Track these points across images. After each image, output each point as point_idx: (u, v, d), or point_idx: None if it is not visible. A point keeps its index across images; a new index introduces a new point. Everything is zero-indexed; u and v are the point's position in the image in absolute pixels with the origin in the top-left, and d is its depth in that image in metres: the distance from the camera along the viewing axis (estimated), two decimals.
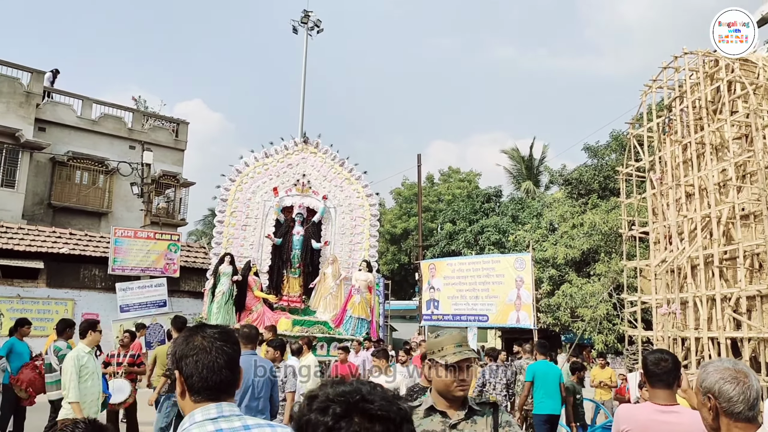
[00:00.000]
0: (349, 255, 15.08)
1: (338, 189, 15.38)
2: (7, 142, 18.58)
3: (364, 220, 15.38)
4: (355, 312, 13.93)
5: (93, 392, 6.04)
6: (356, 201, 15.43)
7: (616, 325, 18.07)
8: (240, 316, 13.38)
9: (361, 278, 14.14)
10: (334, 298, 14.38)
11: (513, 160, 33.76)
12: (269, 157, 15.08)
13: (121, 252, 17.38)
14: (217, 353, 1.71)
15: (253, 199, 14.78)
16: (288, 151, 15.20)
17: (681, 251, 10.45)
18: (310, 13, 25.26)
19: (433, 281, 20.54)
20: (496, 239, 26.54)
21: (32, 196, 19.80)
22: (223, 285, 13.32)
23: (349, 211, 15.34)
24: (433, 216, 33.42)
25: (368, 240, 15.34)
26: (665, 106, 12.42)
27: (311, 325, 13.53)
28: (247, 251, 14.50)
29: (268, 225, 14.82)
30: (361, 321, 13.88)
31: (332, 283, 14.42)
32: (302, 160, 15.24)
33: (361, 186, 15.57)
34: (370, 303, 14.22)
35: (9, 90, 19.15)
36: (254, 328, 5.25)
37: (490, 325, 20.21)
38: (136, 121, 22.82)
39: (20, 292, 16.47)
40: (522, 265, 18.32)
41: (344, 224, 15.26)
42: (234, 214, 14.61)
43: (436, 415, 2.40)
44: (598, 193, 22.20)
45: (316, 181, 15.22)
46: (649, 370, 2.94)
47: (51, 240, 17.40)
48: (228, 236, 14.49)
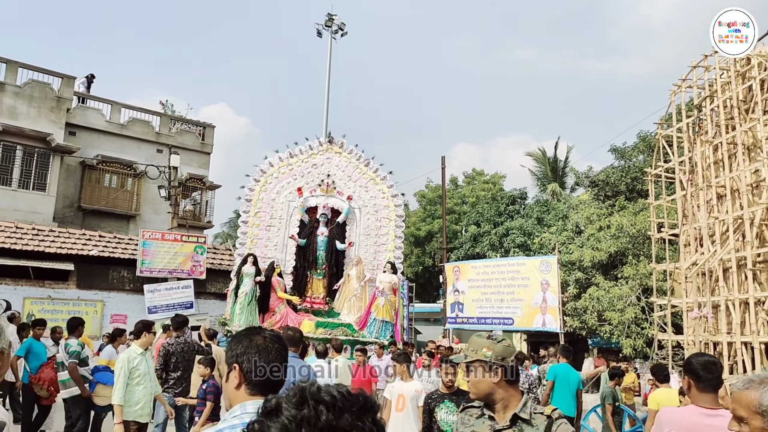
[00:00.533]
0: (374, 256, 14.87)
1: (363, 189, 15.24)
2: (39, 146, 18.98)
3: (389, 221, 15.17)
4: (379, 314, 13.66)
5: (145, 394, 6.15)
6: (381, 201, 15.26)
7: (644, 329, 17.76)
8: (263, 318, 13.30)
9: (385, 280, 13.82)
10: (359, 300, 14.13)
11: (538, 162, 33.46)
12: (294, 157, 15.00)
13: (149, 254, 17.61)
14: (276, 354, 1.93)
15: (277, 199, 14.71)
16: (313, 151, 15.12)
17: (712, 254, 10.23)
18: (334, 17, 25.30)
19: (457, 284, 20.43)
20: (521, 242, 26.31)
21: (63, 199, 20.18)
22: (246, 286, 13.25)
23: (374, 212, 15.17)
24: (458, 218, 33.25)
25: (393, 241, 15.10)
26: (695, 106, 12.19)
27: (335, 327, 13.38)
28: (271, 252, 14.38)
29: (293, 226, 14.71)
30: (385, 324, 13.63)
31: (356, 284, 14.20)
32: (327, 160, 15.14)
33: (386, 186, 15.40)
34: (395, 305, 13.94)
35: (40, 95, 19.56)
36: (298, 332, 5.32)
37: (515, 328, 20.01)
38: (164, 125, 23.14)
39: (51, 293, 16.79)
40: (548, 267, 18.12)
41: (369, 225, 15.08)
42: (258, 215, 14.54)
43: (486, 417, 2.41)
44: (625, 194, 21.88)
45: (341, 182, 15.09)
46: (699, 374, 2.89)
47: (81, 242, 17.70)
48: (252, 237, 14.42)
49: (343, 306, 14.28)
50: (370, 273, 14.43)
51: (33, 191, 18.91)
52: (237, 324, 12.73)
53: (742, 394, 1.93)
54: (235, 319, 12.94)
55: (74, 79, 20.57)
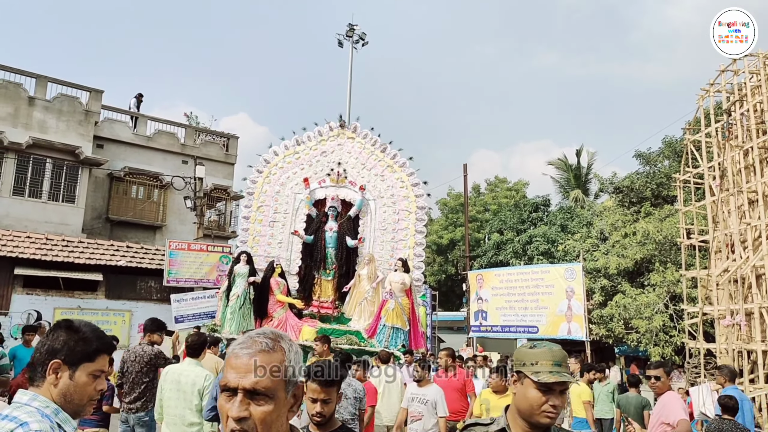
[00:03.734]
0: (390, 254, 13.03)
1: (378, 178, 13.42)
2: (68, 159, 19.37)
3: (409, 214, 13.26)
4: (389, 320, 11.82)
5: None
6: (400, 192, 13.39)
7: (673, 337, 17.49)
8: (260, 323, 11.91)
9: (395, 280, 11.98)
10: (370, 304, 12.36)
11: (560, 169, 33.27)
12: (301, 145, 13.49)
13: (176, 264, 17.83)
14: None
15: (282, 192, 13.20)
16: (322, 137, 13.55)
17: (745, 260, 10.07)
18: (355, 27, 25.49)
19: (480, 292, 20.35)
20: (545, 249, 26.11)
21: (91, 210, 20.54)
22: (238, 287, 11.87)
23: (391, 204, 13.32)
24: (480, 226, 33.16)
25: (413, 237, 13.20)
26: (724, 111, 12.04)
27: (340, 334, 11.63)
28: (276, 250, 12.91)
29: (299, 221, 13.18)
30: (396, 330, 11.82)
31: (368, 286, 12.41)
32: (338, 146, 13.52)
33: (405, 174, 13.51)
34: (407, 309, 12.07)
35: (69, 109, 19.97)
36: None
37: (540, 336, 19.83)
38: (189, 137, 23.48)
39: (80, 303, 17.08)
40: (572, 275, 17.98)
41: (385, 219, 13.24)
42: (261, 209, 13.08)
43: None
44: (651, 201, 21.62)
45: (354, 170, 13.37)
46: None
47: (109, 253, 18.00)
48: (254, 234, 12.99)
49: (354, 310, 12.58)
50: (385, 273, 12.60)
51: (62, 203, 19.28)
52: (228, 330, 11.47)
53: None
54: (226, 325, 11.62)
55: (102, 93, 20.96)
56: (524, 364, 2.05)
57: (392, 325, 11.80)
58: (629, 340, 18.86)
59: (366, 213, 13.27)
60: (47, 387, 1.87)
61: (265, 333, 1.42)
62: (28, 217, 18.46)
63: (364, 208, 13.23)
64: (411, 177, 13.53)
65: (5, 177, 18.43)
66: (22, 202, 18.62)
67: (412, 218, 13.27)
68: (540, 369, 2.00)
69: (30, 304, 16.44)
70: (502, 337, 19.89)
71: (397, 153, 13.60)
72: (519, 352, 2.11)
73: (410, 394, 6.40)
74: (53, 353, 1.90)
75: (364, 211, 13.25)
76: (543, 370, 1.99)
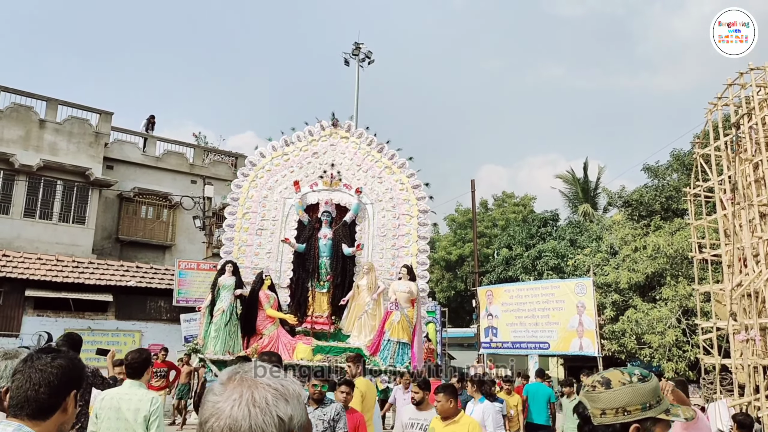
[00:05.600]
0: (391, 262, 11.97)
1: (376, 180, 12.39)
2: (78, 181, 19.53)
3: (411, 218, 12.22)
4: (394, 334, 10.64)
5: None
6: (399, 194, 12.33)
7: (686, 352, 17.30)
8: (248, 342, 10.74)
9: (400, 289, 10.82)
10: (371, 318, 11.22)
11: (568, 183, 33.22)
12: (290, 146, 12.44)
13: (185, 284, 17.87)
14: None
15: (269, 197, 12.12)
16: (313, 137, 12.51)
17: (758, 274, 9.97)
18: (361, 46, 25.72)
19: (490, 308, 20.26)
20: (554, 264, 25.99)
21: (101, 231, 20.66)
22: (223, 301, 10.58)
23: (390, 208, 12.27)
24: (489, 242, 33.07)
25: (416, 243, 12.11)
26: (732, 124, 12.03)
27: (338, 352, 10.54)
28: (264, 261, 11.77)
29: (289, 228, 12.04)
30: (402, 346, 10.71)
31: (368, 298, 11.26)
32: (331, 147, 12.51)
33: (405, 176, 12.48)
34: (413, 321, 10.95)
35: (80, 131, 20.18)
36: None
37: (551, 352, 19.70)
38: (197, 157, 23.65)
39: (91, 324, 17.12)
40: (583, 290, 17.91)
41: (385, 224, 12.19)
42: (247, 216, 11.94)
43: None
44: (661, 214, 21.51)
45: (348, 172, 12.33)
46: None
47: (119, 273, 18.07)
48: (240, 243, 11.86)
49: (353, 325, 11.41)
50: (386, 283, 11.50)
51: (73, 224, 19.42)
52: (212, 350, 10.30)
53: None
54: (210, 344, 10.37)
55: (111, 115, 21.18)
56: (650, 405, 1.57)
57: (398, 340, 10.67)
58: (642, 356, 18.68)
59: (363, 218, 12.24)
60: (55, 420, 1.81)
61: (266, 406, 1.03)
62: (39, 239, 18.59)
63: (361, 213, 12.18)
64: (411, 178, 12.52)
65: (16, 199, 18.60)
66: (33, 224, 18.76)
67: (413, 223, 12.26)
68: (668, 405, 1.61)
69: (41, 325, 16.45)
70: (513, 353, 19.74)
71: (395, 153, 12.63)
72: (637, 392, 1.56)
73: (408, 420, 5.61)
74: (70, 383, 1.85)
75: (361, 216, 12.21)
76: (670, 406, 1.61)
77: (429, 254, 12.78)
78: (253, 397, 1.03)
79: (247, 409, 1.01)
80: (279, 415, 1.02)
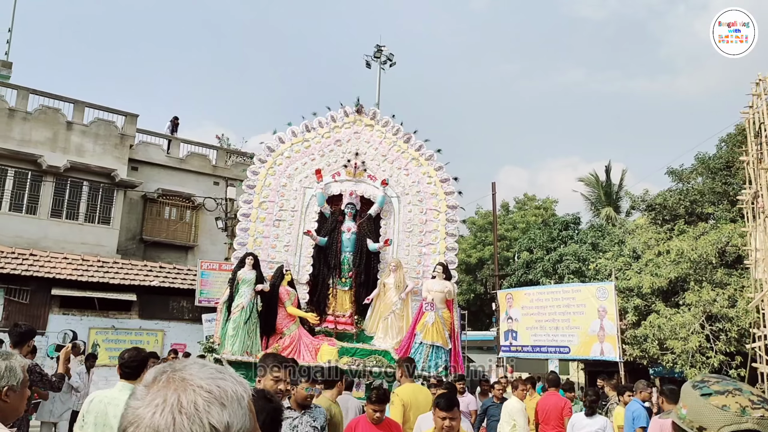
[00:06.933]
0: (418, 260, 11.24)
1: (402, 172, 11.63)
2: (104, 182, 19.89)
3: (438, 214, 11.46)
4: (427, 337, 9.95)
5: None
6: (427, 188, 11.62)
7: (710, 358, 17.04)
8: (267, 342, 9.87)
9: (435, 289, 10.13)
10: (398, 319, 10.51)
11: (590, 186, 32.93)
12: (311, 131, 11.61)
13: (207, 284, 18.07)
14: None
15: (288, 185, 11.27)
16: (336, 123, 11.70)
17: None
18: (382, 48, 25.83)
19: (510, 311, 20.13)
20: (575, 268, 25.78)
21: (126, 231, 21.00)
22: (243, 297, 9.68)
23: (417, 202, 11.50)
24: (509, 245, 32.92)
25: (443, 241, 11.36)
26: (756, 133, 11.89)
27: (365, 354, 9.90)
28: (281, 255, 10.87)
29: (309, 219, 11.22)
30: (436, 349, 9.95)
31: (395, 297, 10.51)
32: (354, 135, 11.69)
33: (432, 168, 11.72)
34: (449, 324, 10.24)
35: (105, 133, 20.54)
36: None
37: (572, 357, 19.51)
38: (220, 158, 23.92)
39: (115, 323, 17.41)
40: (604, 294, 17.70)
41: (411, 219, 11.41)
42: (263, 206, 11.08)
43: None
44: (685, 218, 21.23)
45: (373, 163, 11.53)
46: None
47: (143, 273, 18.35)
48: (255, 234, 10.95)
49: (377, 326, 10.66)
50: (414, 282, 10.84)
51: (98, 225, 19.77)
52: (229, 350, 9.42)
53: None
54: (228, 344, 9.51)
55: (136, 117, 21.52)
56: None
57: (431, 343, 9.92)
58: (665, 361, 18.44)
59: (388, 212, 11.45)
60: None
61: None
62: (66, 239, 18.96)
63: (386, 207, 11.36)
64: (439, 172, 11.72)
65: (44, 199, 18.99)
66: (59, 224, 19.13)
67: (441, 219, 11.49)
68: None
69: (66, 324, 16.81)
70: (533, 357, 19.64)
71: (422, 144, 11.92)
72: (725, 418, 1.38)
73: None
74: None
75: (386, 210, 11.39)
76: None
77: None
78: (180, 402, 0.88)
79: (171, 416, 0.87)
80: (211, 423, 0.88)
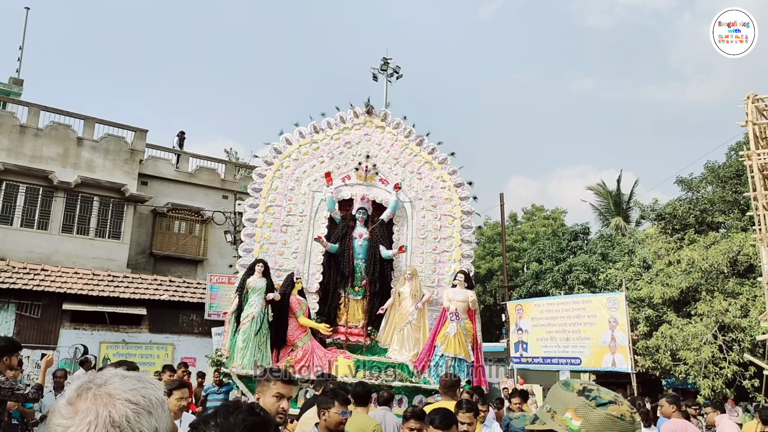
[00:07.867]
0: (432, 268, 10.87)
1: (415, 176, 11.25)
2: (114, 197, 20.05)
3: (453, 220, 11.10)
4: (449, 349, 9.47)
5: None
6: (441, 193, 11.25)
7: (723, 369, 16.87)
8: (278, 354, 9.36)
9: (458, 298, 9.69)
10: (415, 330, 10.06)
11: (600, 196, 32.84)
12: (320, 133, 11.19)
13: (217, 297, 18.11)
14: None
15: (297, 189, 10.80)
16: (345, 124, 11.31)
17: None
18: (389, 60, 25.90)
19: (520, 322, 20.03)
20: (585, 278, 25.66)
21: (136, 246, 21.11)
22: (253, 306, 9.17)
23: (431, 207, 11.13)
24: (518, 255, 32.83)
25: (459, 248, 10.98)
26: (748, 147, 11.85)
27: (382, 368, 9.48)
28: (290, 262, 10.38)
29: (319, 225, 10.76)
30: (459, 362, 9.52)
31: (411, 307, 10.04)
32: (365, 136, 11.29)
33: (446, 172, 11.38)
34: (472, 335, 9.84)
35: (115, 148, 20.73)
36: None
37: (583, 368, 19.37)
38: (228, 172, 24.06)
39: (125, 337, 17.46)
40: (615, 305, 17.58)
41: (425, 225, 11.03)
42: (270, 210, 10.60)
43: None
44: (695, 228, 21.12)
45: (385, 166, 11.13)
46: None
47: (153, 287, 18.42)
48: (262, 240, 10.44)
49: (392, 338, 10.21)
50: (430, 291, 10.45)
51: (109, 239, 19.90)
52: (239, 363, 8.95)
53: None
54: (237, 357, 9.01)
55: (146, 132, 21.71)
56: None
57: (454, 356, 9.46)
58: (677, 372, 18.27)
59: (401, 218, 11.03)
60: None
61: None
62: (77, 254, 19.09)
63: (398, 212, 10.94)
64: (453, 176, 11.37)
65: (54, 215, 19.15)
66: (70, 239, 19.28)
67: (456, 225, 11.10)
68: None
69: (77, 338, 16.89)
70: (544, 368, 19.52)
71: (435, 147, 11.53)
72: None
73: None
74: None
75: (398, 215, 10.98)
76: None
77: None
78: (111, 418, 0.89)
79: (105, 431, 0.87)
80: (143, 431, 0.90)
